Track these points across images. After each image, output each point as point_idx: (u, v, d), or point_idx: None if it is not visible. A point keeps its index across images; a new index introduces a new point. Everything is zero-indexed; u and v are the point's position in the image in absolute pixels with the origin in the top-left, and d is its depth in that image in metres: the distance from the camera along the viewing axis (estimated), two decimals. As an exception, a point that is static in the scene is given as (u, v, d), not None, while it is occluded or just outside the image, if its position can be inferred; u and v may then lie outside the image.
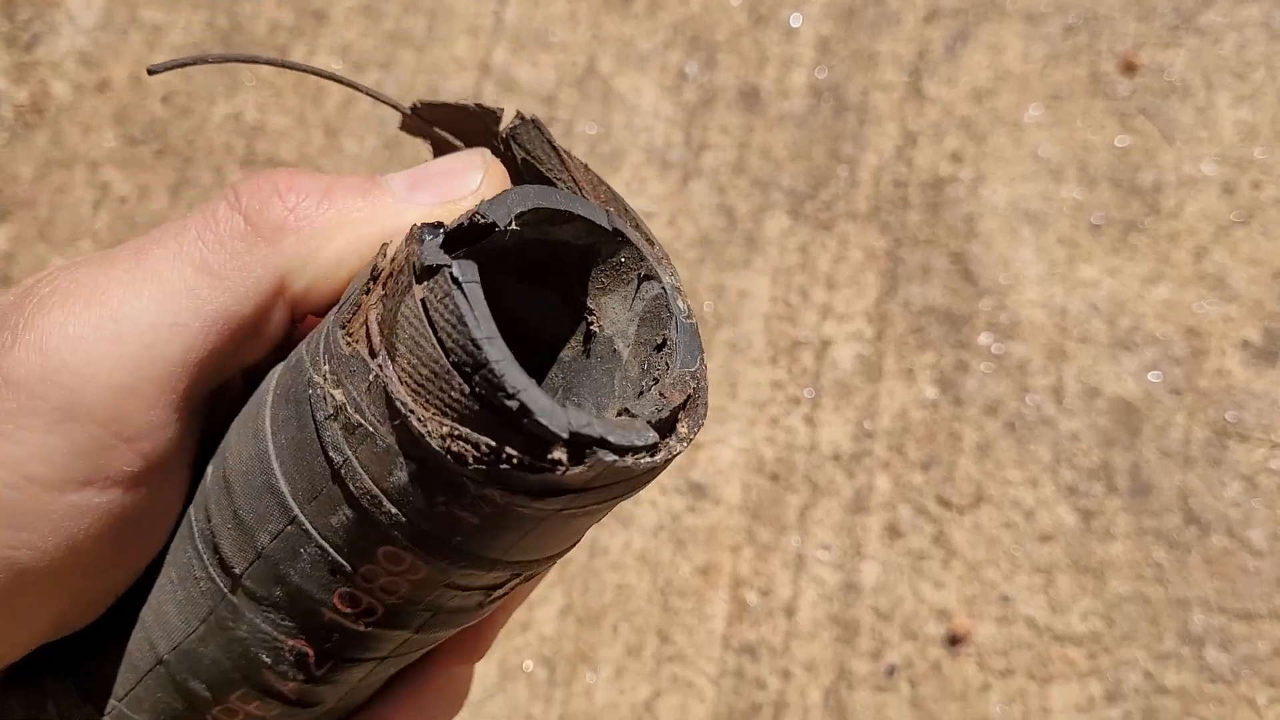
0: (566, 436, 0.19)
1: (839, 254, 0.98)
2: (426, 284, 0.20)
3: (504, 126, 0.25)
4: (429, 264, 0.20)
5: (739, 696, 0.86)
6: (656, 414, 0.22)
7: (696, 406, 0.23)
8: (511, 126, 0.25)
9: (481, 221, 0.22)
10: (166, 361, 0.23)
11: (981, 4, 1.06)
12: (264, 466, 0.23)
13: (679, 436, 0.22)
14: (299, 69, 0.27)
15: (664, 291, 0.24)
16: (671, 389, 0.22)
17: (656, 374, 0.24)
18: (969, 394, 0.93)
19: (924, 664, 0.86)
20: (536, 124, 0.25)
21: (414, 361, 0.20)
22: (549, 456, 0.19)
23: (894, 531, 0.89)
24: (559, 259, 0.25)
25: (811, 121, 1.03)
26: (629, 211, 0.26)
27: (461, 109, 0.26)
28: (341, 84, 0.27)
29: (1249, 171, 0.99)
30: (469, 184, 0.25)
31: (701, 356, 0.24)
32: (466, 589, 0.23)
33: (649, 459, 0.21)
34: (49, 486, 0.22)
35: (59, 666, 0.27)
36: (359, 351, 0.21)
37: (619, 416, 0.22)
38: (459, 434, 0.20)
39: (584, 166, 0.25)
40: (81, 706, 0.26)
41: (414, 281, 0.20)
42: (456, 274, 0.20)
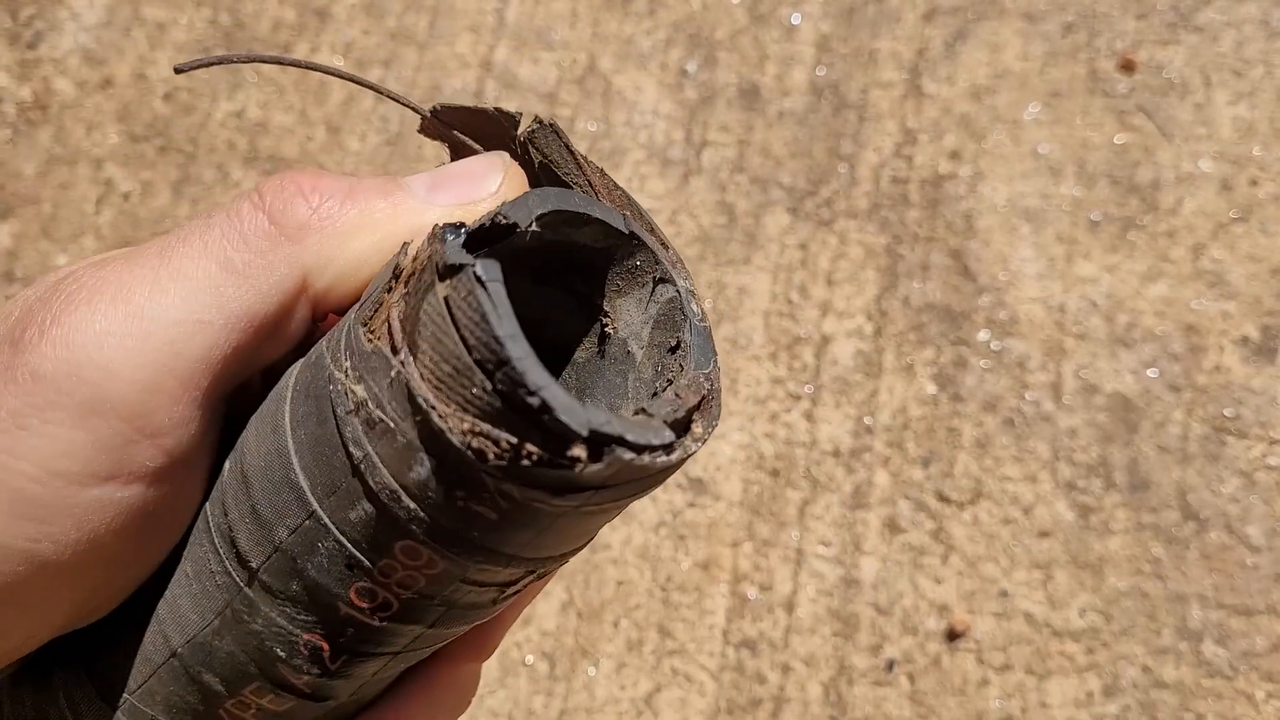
0: (586, 434, 0.20)
1: (839, 251, 0.99)
2: (449, 282, 0.20)
3: (522, 130, 0.26)
4: (452, 263, 0.20)
5: (739, 691, 0.86)
6: (672, 414, 0.22)
7: (710, 407, 0.23)
8: (530, 130, 0.26)
9: (503, 222, 0.22)
10: (190, 358, 0.23)
11: (981, 2, 1.07)
12: (283, 461, 0.23)
13: (694, 436, 0.22)
14: (323, 71, 0.28)
15: (678, 295, 0.24)
16: (686, 390, 0.23)
17: (670, 376, 0.24)
18: (968, 390, 0.93)
19: (923, 659, 0.86)
20: (554, 128, 0.25)
21: (436, 358, 0.20)
22: (569, 453, 0.20)
23: (893, 527, 0.90)
24: (575, 261, 0.25)
25: (811, 119, 1.03)
26: (644, 216, 0.26)
27: (480, 112, 0.26)
28: (367, 88, 0.27)
29: (1247, 168, 0.99)
30: (488, 186, 0.25)
31: (715, 359, 0.24)
32: (482, 585, 0.23)
33: (665, 458, 0.21)
34: (72, 481, 0.22)
35: (70, 659, 0.27)
36: (381, 348, 0.21)
37: (636, 416, 0.22)
38: (480, 430, 0.20)
39: (600, 171, 0.26)
40: (93, 699, 0.26)
41: (437, 280, 0.20)
42: (480, 273, 0.20)
